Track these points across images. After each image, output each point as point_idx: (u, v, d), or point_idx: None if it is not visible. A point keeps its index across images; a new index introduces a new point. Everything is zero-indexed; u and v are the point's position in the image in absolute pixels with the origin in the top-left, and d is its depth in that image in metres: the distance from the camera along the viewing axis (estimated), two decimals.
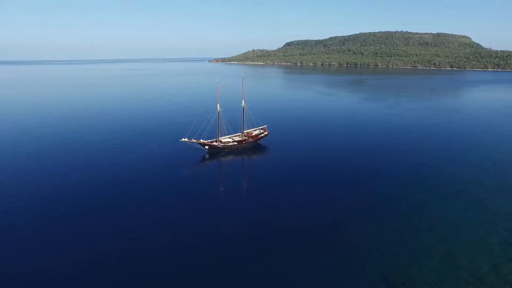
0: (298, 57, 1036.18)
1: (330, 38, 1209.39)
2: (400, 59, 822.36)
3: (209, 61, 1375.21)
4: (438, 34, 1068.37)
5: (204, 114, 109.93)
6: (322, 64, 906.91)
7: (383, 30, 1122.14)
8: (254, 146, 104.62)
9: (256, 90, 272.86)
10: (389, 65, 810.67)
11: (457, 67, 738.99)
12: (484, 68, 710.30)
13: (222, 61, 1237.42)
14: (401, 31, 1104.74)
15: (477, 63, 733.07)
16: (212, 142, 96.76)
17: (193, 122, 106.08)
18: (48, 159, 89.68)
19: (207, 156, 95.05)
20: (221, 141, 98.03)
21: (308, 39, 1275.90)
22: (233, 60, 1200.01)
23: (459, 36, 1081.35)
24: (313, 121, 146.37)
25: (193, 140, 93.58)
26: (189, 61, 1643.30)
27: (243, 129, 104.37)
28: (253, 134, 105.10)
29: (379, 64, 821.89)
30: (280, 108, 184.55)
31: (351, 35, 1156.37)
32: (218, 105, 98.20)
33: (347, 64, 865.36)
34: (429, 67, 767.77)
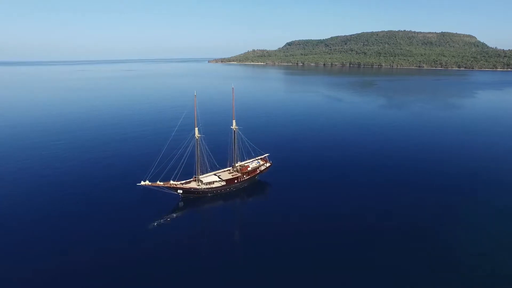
0: (299, 57, 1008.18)
1: (331, 37, 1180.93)
2: (404, 59, 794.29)
3: (208, 61, 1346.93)
4: (442, 34, 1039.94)
5: (179, 139, 77.50)
6: (324, 64, 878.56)
7: (385, 30, 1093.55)
8: (251, 185, 75.35)
9: (255, 98, 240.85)
10: (393, 65, 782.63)
11: (465, 67, 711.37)
12: (493, 68, 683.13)
13: (222, 61, 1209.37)
14: (404, 30, 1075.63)
15: (486, 63, 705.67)
16: (189, 183, 67.98)
17: (160, 151, 73.80)
18: None
19: (181, 204, 66.99)
20: (202, 182, 69.06)
21: (309, 38, 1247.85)
22: (233, 60, 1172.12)
23: (464, 35, 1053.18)
24: (332, 140, 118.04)
25: (158, 183, 64.07)
26: (188, 61, 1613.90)
27: (235, 161, 75.20)
28: (249, 169, 76.47)
29: (383, 64, 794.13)
30: (286, 122, 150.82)
31: (353, 35, 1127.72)
32: (196, 129, 69.06)
33: (350, 64, 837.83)
34: (435, 67, 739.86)
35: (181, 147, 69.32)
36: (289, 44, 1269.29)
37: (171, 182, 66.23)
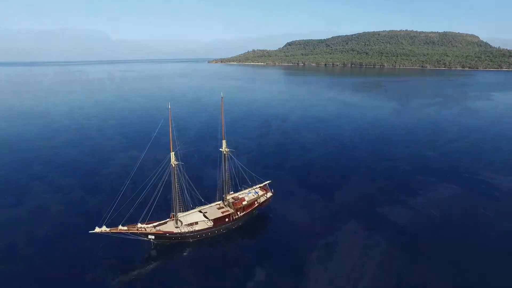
0: (300, 57, 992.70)
1: (332, 37, 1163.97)
2: (407, 59, 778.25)
3: (208, 61, 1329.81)
4: (445, 33, 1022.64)
5: (149, 165, 59.72)
6: (325, 64, 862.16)
7: (387, 29, 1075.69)
8: (248, 223, 58.81)
9: (252, 103, 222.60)
10: (395, 65, 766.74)
11: (469, 67, 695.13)
12: (498, 68, 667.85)
13: (222, 61, 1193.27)
14: (406, 30, 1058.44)
15: (490, 63, 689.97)
16: (164, 225, 51.75)
17: (124, 183, 55.72)
18: None
19: (153, 253, 50.46)
20: (181, 222, 52.86)
21: (310, 38, 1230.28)
22: (233, 61, 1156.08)
23: (467, 34, 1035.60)
24: (353, 158, 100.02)
25: (120, 228, 47.53)
26: (187, 62, 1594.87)
27: (226, 193, 58.80)
28: (244, 202, 59.27)
29: (385, 65, 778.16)
30: (291, 134, 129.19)
31: (354, 35, 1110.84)
32: (173, 154, 52.53)
33: (351, 64, 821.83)
34: (439, 67, 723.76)
35: (154, 176, 52.62)
36: (289, 44, 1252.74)
37: (139, 225, 49.97)
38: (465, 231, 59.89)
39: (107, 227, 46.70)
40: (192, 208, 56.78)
